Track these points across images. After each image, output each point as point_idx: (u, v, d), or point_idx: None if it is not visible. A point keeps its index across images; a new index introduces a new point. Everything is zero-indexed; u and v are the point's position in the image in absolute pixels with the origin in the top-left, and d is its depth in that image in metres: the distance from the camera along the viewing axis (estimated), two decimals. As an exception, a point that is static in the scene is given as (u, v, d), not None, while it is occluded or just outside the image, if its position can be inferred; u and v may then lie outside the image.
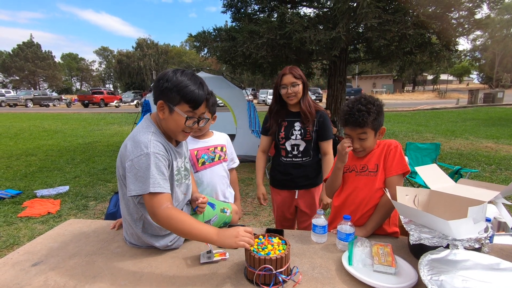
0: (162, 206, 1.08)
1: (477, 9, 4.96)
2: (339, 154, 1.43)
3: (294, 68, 1.85)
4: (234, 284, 1.03)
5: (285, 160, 1.96)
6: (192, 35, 6.11)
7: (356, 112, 1.32)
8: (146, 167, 1.08)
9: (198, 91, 1.16)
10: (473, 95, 21.17)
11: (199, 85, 1.17)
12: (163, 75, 1.16)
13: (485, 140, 8.00)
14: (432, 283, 0.84)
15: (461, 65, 44.47)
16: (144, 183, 1.07)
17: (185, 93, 1.14)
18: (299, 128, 1.89)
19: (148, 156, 1.09)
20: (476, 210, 1.02)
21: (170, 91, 1.13)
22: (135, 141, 1.13)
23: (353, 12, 4.49)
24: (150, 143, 1.11)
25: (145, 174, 1.08)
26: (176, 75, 1.14)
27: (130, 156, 1.11)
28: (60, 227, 1.52)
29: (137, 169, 1.09)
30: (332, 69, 6.52)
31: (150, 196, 1.08)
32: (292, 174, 1.95)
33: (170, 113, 1.16)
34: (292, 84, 1.82)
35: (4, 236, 3.02)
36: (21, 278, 1.08)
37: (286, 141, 1.92)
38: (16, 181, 4.89)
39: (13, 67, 47.14)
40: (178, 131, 1.21)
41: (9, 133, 10.31)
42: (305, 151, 1.92)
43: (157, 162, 1.10)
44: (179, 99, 1.14)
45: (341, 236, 1.24)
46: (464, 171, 3.67)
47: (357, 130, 1.36)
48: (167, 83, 1.13)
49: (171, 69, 1.18)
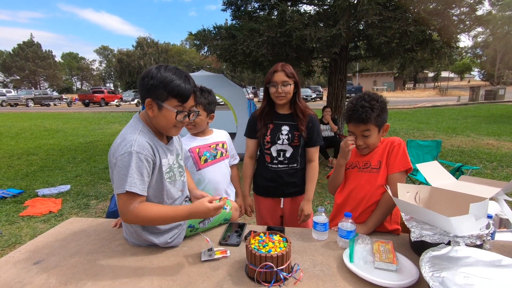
0: (131, 206, 1.10)
1: (478, 6, 4.93)
2: (342, 151, 1.42)
3: (286, 65, 1.69)
4: (235, 281, 1.03)
5: (270, 166, 1.78)
6: (192, 33, 6.09)
7: (359, 108, 1.32)
8: (127, 165, 1.09)
9: (184, 85, 1.15)
10: (475, 92, 21.09)
11: (184, 78, 1.17)
12: (147, 73, 1.15)
13: (487, 137, 7.98)
14: (434, 280, 0.84)
15: (462, 62, 44.26)
16: (123, 182, 1.08)
17: (172, 88, 1.13)
18: (286, 132, 1.72)
19: (130, 155, 1.09)
20: (478, 207, 1.02)
21: (157, 88, 1.13)
22: (121, 140, 1.14)
23: (354, 9, 4.47)
24: (135, 142, 1.11)
25: (125, 172, 1.08)
26: (160, 71, 1.14)
27: (115, 154, 1.11)
28: (61, 226, 1.53)
29: (120, 167, 1.09)
30: (332, 67, 6.50)
31: (125, 196, 1.09)
32: (278, 181, 1.77)
33: (159, 110, 1.16)
34: (283, 83, 1.65)
35: (6, 235, 3.03)
36: (23, 277, 1.08)
37: (271, 145, 1.74)
38: (18, 180, 4.90)
39: (13, 67, 47.16)
40: (170, 127, 1.21)
41: (10, 132, 10.33)
42: (292, 157, 1.74)
43: (138, 163, 1.10)
44: (166, 95, 1.14)
45: (342, 234, 1.24)
46: (465, 168, 3.66)
47: (360, 127, 1.35)
48: (152, 80, 1.13)
49: (154, 66, 1.17)
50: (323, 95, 27.70)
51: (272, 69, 1.70)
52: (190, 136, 1.79)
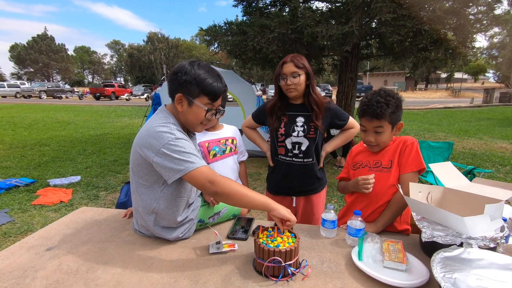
0: (216, 175, 1.08)
1: (497, 4, 4.79)
2: (356, 185, 1.38)
3: (296, 56, 1.60)
4: (243, 275, 1.03)
5: (283, 159, 1.72)
6: (203, 29, 6.10)
7: (374, 103, 1.30)
8: (179, 149, 1.08)
9: (216, 84, 1.17)
10: (489, 94, 20.56)
11: (216, 77, 1.18)
12: (180, 67, 1.16)
13: (500, 141, 7.78)
14: (446, 281, 0.82)
15: (476, 63, 43.13)
16: (186, 163, 1.07)
17: (205, 86, 1.15)
18: (301, 123, 1.65)
19: (178, 140, 1.10)
20: (494, 208, 0.99)
21: (190, 84, 1.14)
22: (158, 131, 1.12)
23: (367, 6, 4.40)
24: (174, 131, 1.12)
25: (183, 154, 1.08)
26: (194, 68, 1.15)
27: (158, 144, 1.09)
28: (73, 215, 1.56)
29: (170, 154, 1.08)
30: (343, 65, 6.42)
31: (199, 170, 1.07)
32: (290, 177, 1.72)
33: (189, 106, 1.17)
34: (293, 74, 1.57)
35: (19, 223, 3.11)
36: (36, 262, 1.11)
37: (286, 138, 1.68)
38: (30, 170, 5.02)
39: (27, 59, 48.17)
40: (197, 123, 1.22)
41: (23, 123, 10.57)
42: (308, 151, 1.67)
43: (188, 144, 1.12)
44: (198, 92, 1.15)
45: (351, 232, 1.23)
46: (477, 171, 3.58)
47: (373, 122, 1.33)
48: (186, 76, 1.13)
49: (187, 62, 1.18)
50: (332, 94, 27.50)
51: (281, 61, 1.63)
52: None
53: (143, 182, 1.21)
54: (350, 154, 1.57)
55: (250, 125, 1.91)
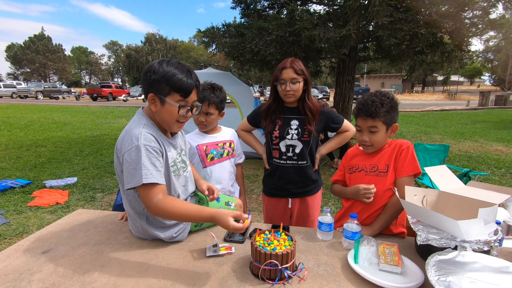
0: (155, 198, 1.09)
1: (492, 9, 4.85)
2: (356, 193, 1.38)
3: (295, 61, 1.61)
4: (239, 278, 1.04)
5: (278, 162, 1.73)
6: (201, 30, 6.11)
7: (369, 102, 1.32)
8: (137, 159, 1.09)
9: (186, 79, 1.15)
10: (485, 97, 20.76)
11: (186, 72, 1.17)
12: (149, 67, 1.16)
13: (496, 143, 7.86)
14: (440, 284, 0.83)
15: (472, 66, 43.52)
16: (137, 175, 1.08)
17: (174, 82, 1.13)
18: (295, 126, 1.67)
19: (138, 149, 1.09)
20: (487, 212, 1.00)
21: (159, 83, 1.13)
22: (127, 136, 1.14)
23: (364, 10, 4.44)
24: (140, 135, 1.12)
25: (137, 166, 1.09)
26: (162, 66, 1.14)
27: (123, 150, 1.12)
28: (69, 217, 1.55)
29: (129, 162, 1.10)
30: (341, 68, 6.46)
31: (144, 188, 1.09)
32: (285, 179, 1.73)
33: (162, 104, 1.17)
34: (292, 80, 1.58)
35: (14, 225, 3.09)
36: (32, 265, 1.11)
37: (280, 141, 1.69)
38: (26, 171, 4.98)
39: (24, 60, 47.92)
40: (172, 122, 1.21)
41: (20, 124, 10.50)
42: (302, 153, 1.68)
43: (148, 154, 1.11)
44: (168, 89, 1.14)
45: (347, 234, 1.23)
46: (473, 174, 3.61)
47: (368, 121, 1.34)
48: (155, 75, 1.13)
49: (157, 61, 1.17)
50: (329, 96, 27.58)
51: (280, 65, 1.62)
52: (198, 132, 1.80)
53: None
54: (345, 157, 1.58)
55: (246, 128, 1.91)
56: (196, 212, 1.12)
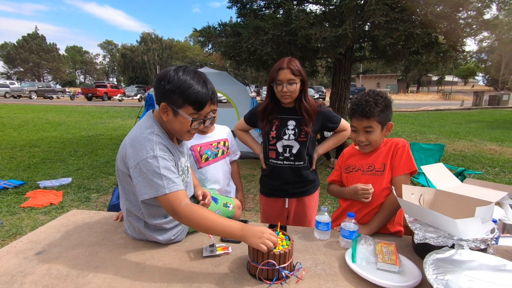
0: (182, 203, 1.06)
1: (486, 10, 4.90)
2: (354, 194, 1.38)
3: (292, 61, 1.58)
4: (237, 278, 1.03)
5: (275, 162, 1.72)
6: (197, 30, 6.09)
7: (363, 102, 1.32)
8: (155, 169, 1.06)
9: (202, 91, 1.11)
10: (478, 97, 21.00)
11: (202, 84, 1.12)
12: (164, 75, 1.11)
13: (489, 143, 7.95)
14: (438, 282, 0.83)
15: (466, 67, 44.02)
16: (157, 186, 1.06)
17: (189, 95, 1.09)
18: (292, 127, 1.66)
19: (155, 159, 1.07)
20: (484, 210, 1.01)
21: (173, 93, 1.08)
22: (139, 143, 1.10)
23: (361, 9, 4.45)
24: (155, 146, 1.09)
25: (156, 176, 1.06)
26: (177, 75, 1.09)
27: (136, 158, 1.08)
28: (63, 217, 1.53)
29: (145, 172, 1.06)
30: (337, 67, 6.48)
31: (166, 196, 1.06)
32: (282, 179, 1.72)
33: (175, 115, 1.13)
34: (289, 81, 1.56)
35: (7, 226, 3.04)
36: (25, 266, 1.08)
37: (277, 141, 1.68)
38: (20, 171, 4.91)
39: (17, 59, 47.30)
40: (183, 132, 1.18)
41: (13, 124, 10.36)
42: (299, 154, 1.68)
43: (166, 163, 1.09)
44: (182, 102, 1.10)
45: (344, 234, 1.23)
46: (467, 173, 3.64)
47: (363, 122, 1.34)
48: (169, 84, 1.08)
49: (172, 68, 1.12)
50: (326, 96, 27.65)
51: (276, 65, 1.59)
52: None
53: (129, 188, 1.21)
54: (342, 157, 1.58)
55: (243, 127, 1.90)
56: (224, 223, 1.07)
